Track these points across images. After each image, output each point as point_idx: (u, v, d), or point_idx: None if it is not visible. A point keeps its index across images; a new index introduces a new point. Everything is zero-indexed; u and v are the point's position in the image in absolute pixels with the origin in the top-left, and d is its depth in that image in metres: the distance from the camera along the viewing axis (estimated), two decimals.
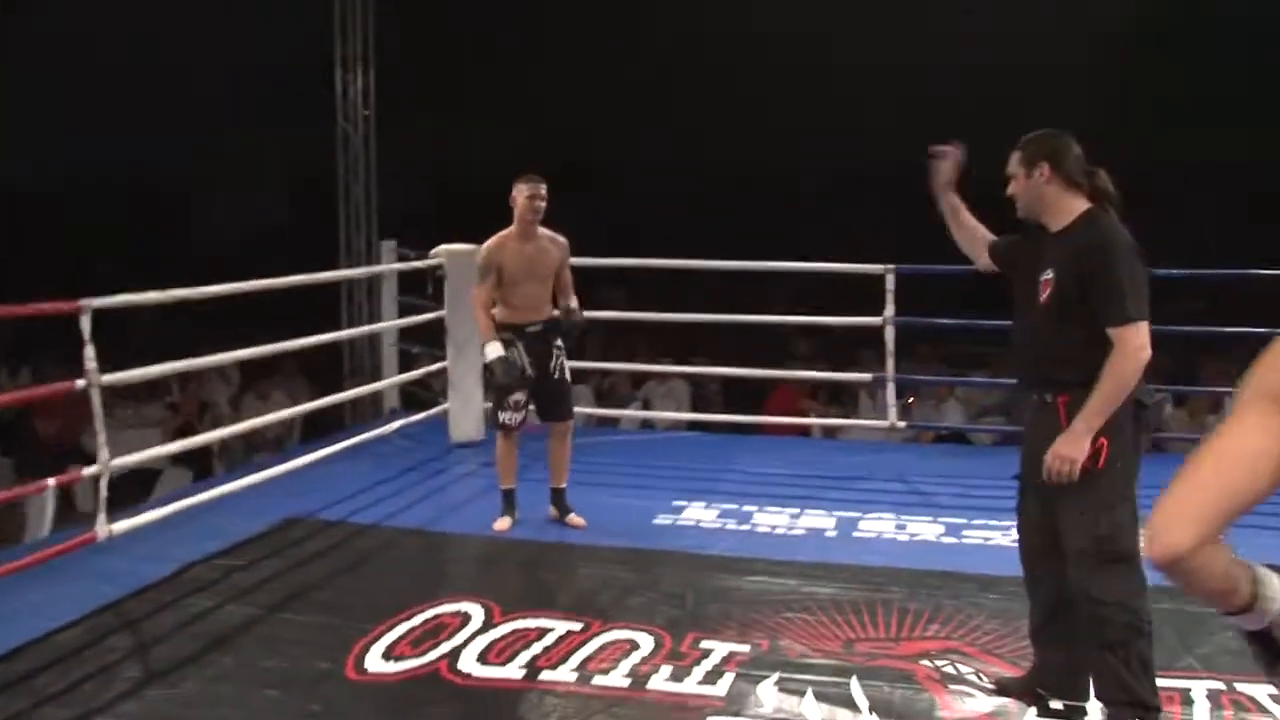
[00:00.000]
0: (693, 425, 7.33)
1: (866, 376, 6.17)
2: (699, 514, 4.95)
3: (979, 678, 3.27)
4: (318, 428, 7.33)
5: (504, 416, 4.60)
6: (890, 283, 5.68)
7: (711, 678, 3.29)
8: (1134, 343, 2.77)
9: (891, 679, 3.27)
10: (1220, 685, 3.20)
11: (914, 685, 3.24)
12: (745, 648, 3.49)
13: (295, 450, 6.43)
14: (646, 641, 3.54)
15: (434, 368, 6.46)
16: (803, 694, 3.17)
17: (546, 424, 4.80)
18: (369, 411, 7.22)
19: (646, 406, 8.11)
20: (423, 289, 6.46)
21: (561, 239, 4.66)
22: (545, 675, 3.33)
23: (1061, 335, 2.89)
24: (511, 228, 4.56)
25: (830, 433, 7.59)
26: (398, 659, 3.44)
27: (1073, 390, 2.84)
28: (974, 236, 3.26)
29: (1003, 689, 3.18)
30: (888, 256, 5.81)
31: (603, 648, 3.50)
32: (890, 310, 5.71)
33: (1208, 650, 3.40)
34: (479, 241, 4.77)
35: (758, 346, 9.89)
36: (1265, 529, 4.66)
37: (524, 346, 4.58)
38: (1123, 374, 2.77)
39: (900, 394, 6.25)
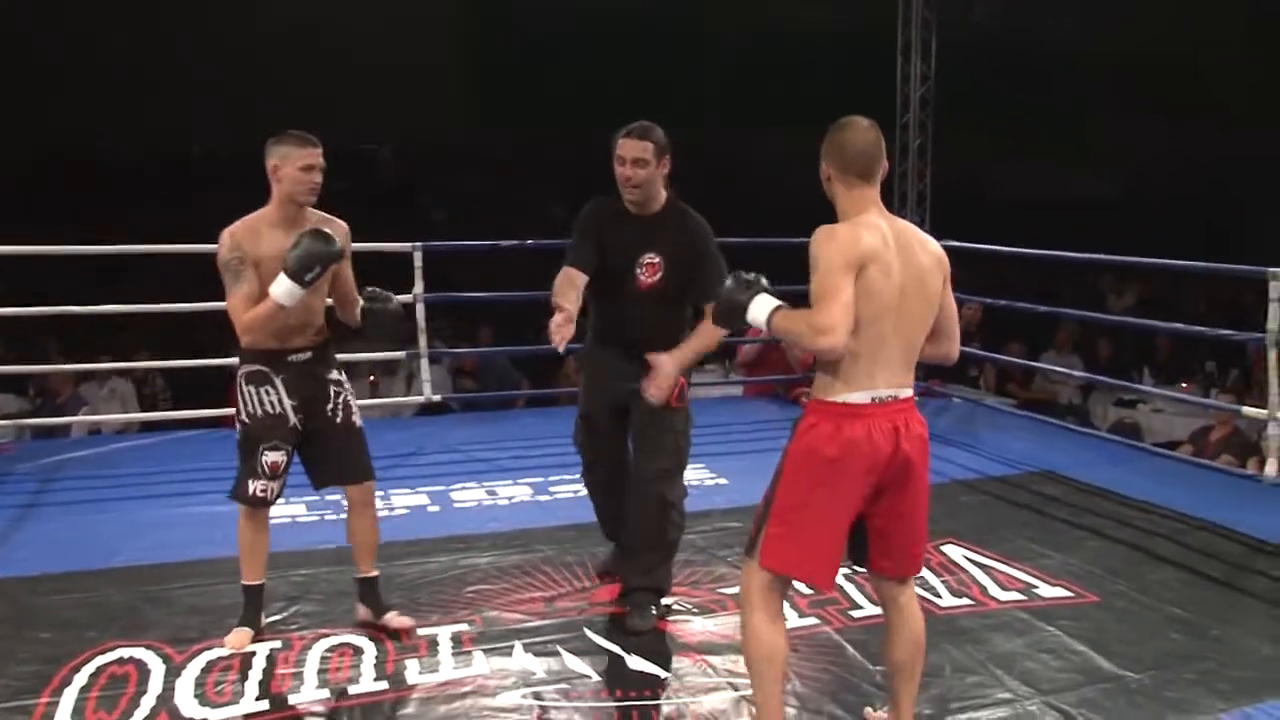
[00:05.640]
0: (146, 426, 6.77)
1: (400, 354, 6.14)
2: (286, 509, 4.63)
3: (679, 604, 3.67)
4: None
5: (254, 486, 3.25)
6: (418, 260, 5.75)
7: (463, 660, 3.26)
8: None
9: (618, 623, 3.51)
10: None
11: None
12: (464, 626, 3.49)
13: None
14: (363, 643, 3.38)
15: None
16: (556, 654, 3.30)
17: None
18: None
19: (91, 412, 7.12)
20: None
21: (340, 223, 3.31)
22: (293, 700, 3.04)
23: (664, 309, 3.43)
24: (267, 209, 3.19)
25: None
26: None
27: (668, 351, 3.38)
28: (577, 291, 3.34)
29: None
30: None
31: (326, 659, 3.27)
32: (419, 287, 5.78)
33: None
34: None
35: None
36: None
37: (284, 384, 3.25)
38: (715, 337, 3.39)
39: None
